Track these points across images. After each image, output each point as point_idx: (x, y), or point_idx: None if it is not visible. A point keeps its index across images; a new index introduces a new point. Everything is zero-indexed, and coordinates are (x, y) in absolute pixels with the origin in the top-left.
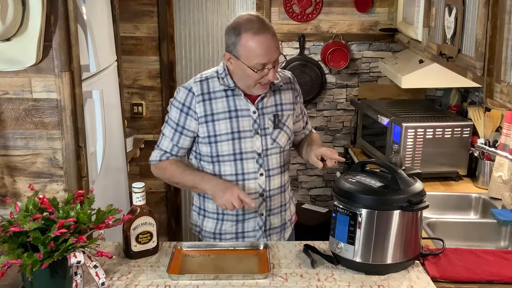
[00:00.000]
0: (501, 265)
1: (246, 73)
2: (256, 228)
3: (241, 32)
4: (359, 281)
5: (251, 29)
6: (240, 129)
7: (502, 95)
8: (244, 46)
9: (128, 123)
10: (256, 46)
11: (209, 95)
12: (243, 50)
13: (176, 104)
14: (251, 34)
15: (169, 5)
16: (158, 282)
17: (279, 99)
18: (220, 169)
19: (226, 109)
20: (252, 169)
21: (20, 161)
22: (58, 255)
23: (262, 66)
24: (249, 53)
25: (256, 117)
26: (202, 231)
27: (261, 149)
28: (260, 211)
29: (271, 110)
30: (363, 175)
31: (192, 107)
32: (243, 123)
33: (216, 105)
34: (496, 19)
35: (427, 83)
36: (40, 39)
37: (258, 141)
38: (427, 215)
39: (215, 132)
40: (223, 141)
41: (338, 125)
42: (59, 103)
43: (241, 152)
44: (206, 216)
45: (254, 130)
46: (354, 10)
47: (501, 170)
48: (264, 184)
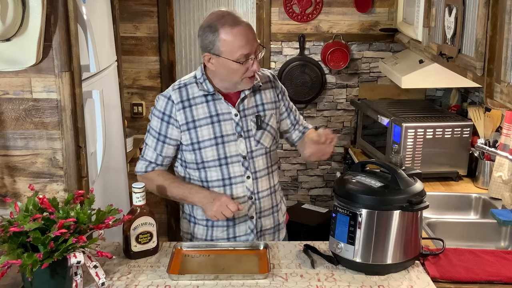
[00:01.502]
0: (501, 265)
1: (231, 69)
2: (248, 232)
3: (218, 28)
4: (359, 281)
5: (227, 22)
6: (223, 133)
7: (502, 95)
8: (224, 41)
9: (128, 123)
10: (236, 38)
11: (188, 101)
12: (223, 45)
13: (156, 113)
14: (228, 28)
15: (169, 5)
16: (158, 282)
17: (259, 99)
18: (206, 175)
19: (207, 114)
20: (238, 172)
21: (20, 161)
22: (58, 255)
23: (245, 57)
24: (231, 47)
25: (238, 119)
26: (194, 238)
27: (245, 151)
28: (250, 214)
29: (253, 111)
30: (363, 175)
31: (172, 115)
32: (226, 127)
33: (197, 111)
34: (496, 19)
35: (427, 83)
36: (40, 39)
37: (242, 144)
38: (427, 215)
39: (198, 138)
40: (206, 147)
41: (338, 125)
42: (59, 103)
43: (226, 156)
44: (197, 223)
45: (237, 133)
46: (354, 10)
47: (501, 170)
48: (251, 187)
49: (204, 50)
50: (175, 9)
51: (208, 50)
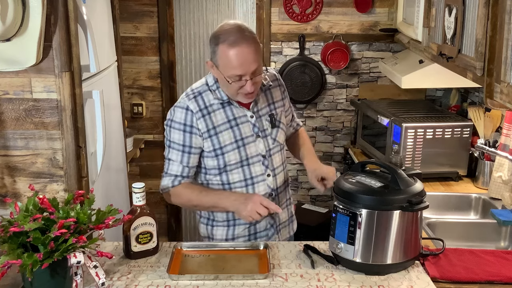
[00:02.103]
0: (501, 265)
1: (225, 83)
2: (268, 227)
3: (219, 42)
4: (359, 281)
5: (227, 40)
6: (243, 136)
7: (502, 95)
8: (220, 56)
9: (128, 123)
10: (231, 58)
11: (207, 109)
12: (220, 60)
13: (176, 126)
14: (226, 46)
15: (169, 5)
16: (158, 282)
17: (271, 98)
18: (228, 178)
19: (226, 119)
20: (259, 171)
21: (20, 161)
22: (58, 255)
23: (238, 77)
24: (225, 64)
25: (254, 120)
26: (213, 240)
27: (265, 150)
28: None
29: (266, 111)
30: (363, 175)
31: (194, 125)
32: (244, 129)
33: (216, 118)
34: (496, 19)
35: (427, 83)
36: (40, 39)
37: (261, 143)
38: (427, 215)
39: (220, 144)
40: (229, 151)
41: (338, 125)
42: (59, 103)
43: (248, 157)
44: (215, 225)
45: (255, 134)
46: (354, 10)
47: (501, 170)
48: (272, 184)
49: (210, 56)
50: (175, 9)
51: (211, 58)
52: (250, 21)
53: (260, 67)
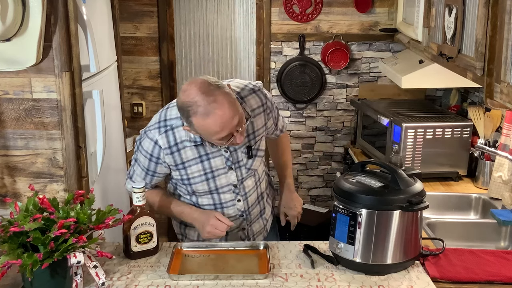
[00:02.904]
0: (501, 265)
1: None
2: (239, 241)
3: (190, 115)
4: (359, 281)
5: (198, 112)
6: (213, 168)
7: (502, 95)
8: (198, 127)
9: (128, 123)
10: (210, 126)
11: (176, 146)
12: (200, 130)
13: (143, 153)
14: (201, 117)
15: (169, 5)
16: (158, 282)
17: (251, 129)
18: (197, 200)
19: (197, 155)
20: (229, 198)
21: (20, 161)
22: (58, 255)
23: (225, 138)
24: (207, 133)
25: (228, 155)
26: (186, 238)
27: (236, 180)
28: (241, 227)
29: (244, 142)
30: (363, 175)
31: (161, 157)
32: (216, 162)
33: (186, 154)
34: (496, 19)
35: (427, 83)
36: (40, 39)
37: (233, 175)
38: (427, 215)
39: (188, 176)
40: (197, 182)
41: (338, 125)
42: (59, 103)
43: (217, 188)
44: (188, 225)
45: (227, 167)
46: (354, 10)
47: (501, 170)
48: (242, 207)
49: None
50: (175, 9)
51: (187, 125)
52: (250, 21)
53: (242, 115)
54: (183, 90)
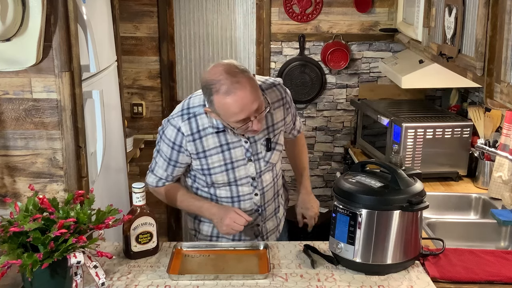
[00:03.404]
0: (501, 265)
1: (231, 127)
2: (253, 237)
3: (212, 93)
4: (359, 281)
5: (221, 90)
6: (233, 159)
7: (502, 95)
8: (218, 107)
9: (128, 123)
10: (230, 107)
11: (199, 133)
12: (219, 110)
13: (166, 141)
14: (222, 96)
15: (169, 5)
16: (158, 282)
17: (270, 121)
18: (215, 192)
19: (217, 144)
20: (247, 191)
21: (20, 161)
22: (58, 255)
23: (242, 121)
24: (226, 113)
25: (248, 146)
26: (199, 234)
27: (255, 173)
28: (256, 222)
29: (263, 135)
30: (363, 175)
31: (183, 145)
32: (236, 153)
33: (207, 142)
34: (496, 19)
35: (427, 83)
36: (40, 39)
37: (251, 167)
38: (427, 215)
39: (208, 165)
40: (217, 173)
41: (338, 125)
42: (59, 103)
43: (236, 179)
44: (202, 220)
45: (247, 158)
46: (354, 10)
47: (501, 170)
48: (259, 202)
49: (205, 103)
50: (175, 9)
51: (208, 106)
52: (250, 21)
53: (262, 102)
54: (208, 69)
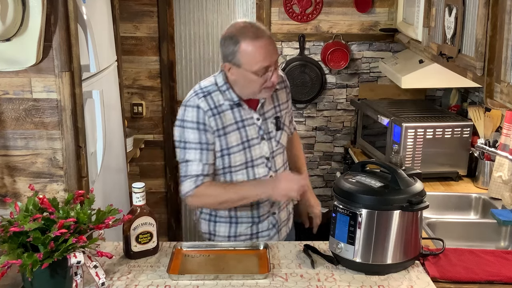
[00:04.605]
0: (501, 265)
1: (250, 80)
2: (270, 227)
3: (239, 40)
4: (359, 281)
5: (247, 37)
6: (249, 137)
7: (502, 95)
8: (244, 53)
9: (128, 123)
10: (256, 51)
11: (216, 109)
12: (243, 57)
13: (190, 125)
14: (249, 41)
15: (169, 5)
16: (158, 282)
17: (276, 101)
18: (232, 178)
19: (233, 120)
20: (262, 173)
21: (20, 161)
22: (58, 255)
23: (264, 69)
24: (251, 59)
25: (260, 123)
26: (215, 236)
27: (268, 153)
28: (272, 210)
29: (272, 114)
30: (363, 175)
31: (206, 122)
32: (250, 131)
33: (225, 118)
34: (496, 19)
35: (427, 83)
36: (40, 39)
37: (265, 146)
38: (427, 215)
39: (227, 145)
40: (235, 152)
41: (338, 125)
42: (59, 103)
43: (252, 159)
44: (218, 221)
45: (260, 136)
46: (354, 10)
47: (501, 170)
48: None
49: (224, 60)
50: (175, 9)
51: (229, 60)
52: None
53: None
54: (228, 27)
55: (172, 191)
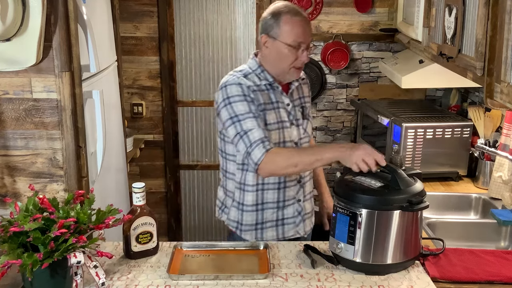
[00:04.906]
0: (501, 265)
1: (283, 54)
2: (295, 214)
3: (281, 14)
4: (359, 281)
5: (290, 12)
6: (282, 119)
7: (502, 95)
8: (283, 25)
9: (128, 123)
10: (294, 25)
11: (254, 87)
12: (282, 29)
13: (237, 99)
14: (290, 16)
15: (169, 5)
16: (158, 282)
17: (301, 93)
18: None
19: (269, 100)
20: None
21: (20, 161)
22: (58, 255)
23: (298, 44)
24: (288, 32)
25: (290, 108)
26: (241, 225)
27: (297, 138)
28: (298, 197)
29: (299, 103)
30: (363, 175)
31: (251, 95)
32: (282, 114)
33: (263, 97)
34: (496, 19)
35: (427, 83)
36: (40, 39)
37: (294, 131)
38: (427, 215)
39: (266, 121)
40: (272, 130)
41: (338, 125)
42: (59, 103)
43: (284, 141)
44: (245, 210)
45: (289, 121)
46: (354, 10)
47: (501, 170)
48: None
49: (263, 31)
50: (175, 9)
51: (267, 32)
52: (250, 21)
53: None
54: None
55: (172, 191)
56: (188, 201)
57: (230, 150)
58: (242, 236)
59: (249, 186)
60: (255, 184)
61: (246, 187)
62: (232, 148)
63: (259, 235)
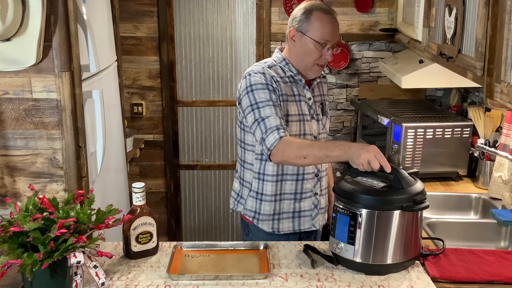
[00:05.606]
0: (501, 265)
1: (309, 49)
2: (312, 207)
3: (313, 10)
4: (359, 281)
5: (322, 9)
6: (304, 112)
7: (502, 95)
8: (314, 21)
9: (128, 123)
10: (324, 23)
11: (278, 79)
12: (312, 25)
13: (260, 87)
14: (322, 13)
15: (169, 5)
16: (158, 282)
17: (321, 90)
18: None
19: (291, 93)
20: None
21: (20, 161)
22: (58, 255)
23: (325, 42)
24: (317, 28)
25: (312, 103)
26: (260, 215)
27: (316, 132)
28: (315, 191)
29: (319, 99)
30: (363, 175)
31: (273, 85)
32: (303, 107)
33: (286, 88)
34: (496, 19)
35: (427, 83)
36: (40, 39)
37: (314, 125)
38: (427, 215)
39: (288, 112)
40: (293, 121)
41: (338, 125)
42: (59, 103)
43: (305, 133)
44: (263, 199)
45: (310, 115)
46: (354, 10)
47: (501, 170)
48: (319, 165)
49: (292, 25)
50: (175, 9)
51: (296, 26)
52: (250, 21)
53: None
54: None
55: (172, 191)
56: (188, 201)
57: (249, 140)
58: (259, 225)
59: (268, 176)
60: (275, 175)
61: (265, 177)
62: (252, 138)
63: (276, 225)
